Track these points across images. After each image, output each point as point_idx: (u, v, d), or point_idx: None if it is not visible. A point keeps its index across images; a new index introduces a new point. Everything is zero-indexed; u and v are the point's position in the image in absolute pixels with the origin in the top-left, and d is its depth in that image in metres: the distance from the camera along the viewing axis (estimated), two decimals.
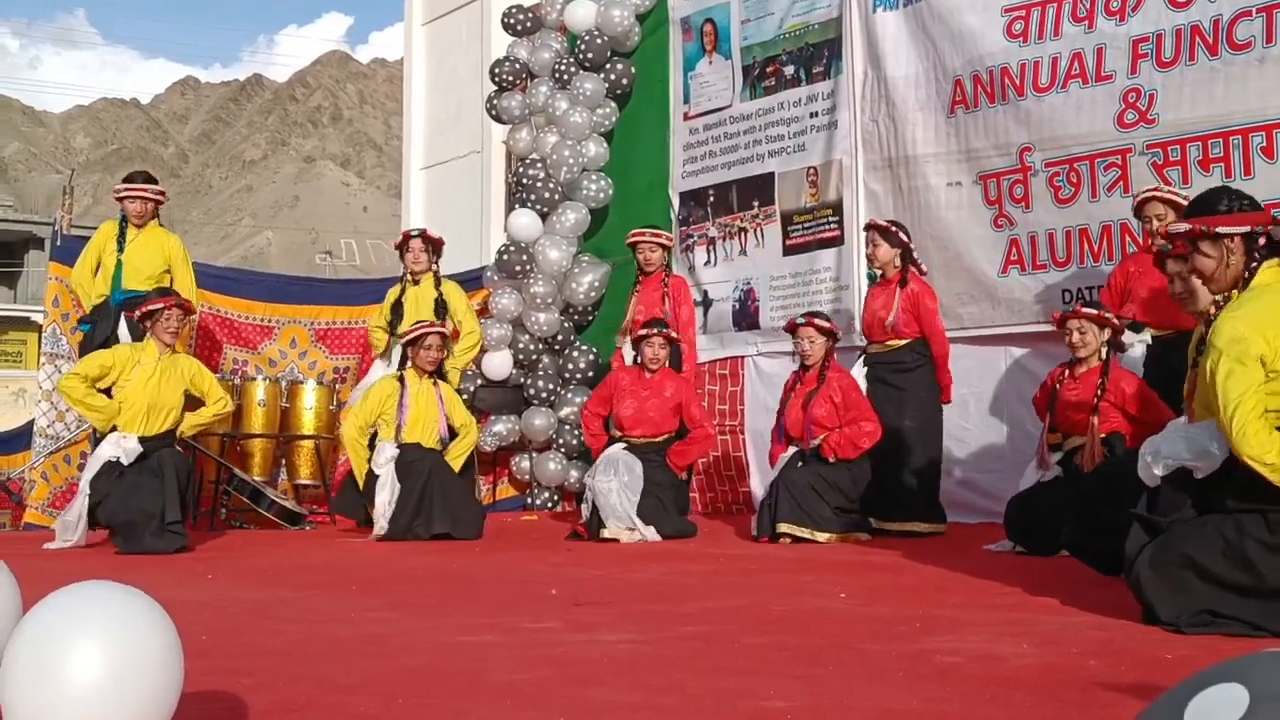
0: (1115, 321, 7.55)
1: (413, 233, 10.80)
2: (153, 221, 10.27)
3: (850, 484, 8.52)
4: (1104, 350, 7.48)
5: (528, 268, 11.88)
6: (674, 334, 9.49)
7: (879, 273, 9.23)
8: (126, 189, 10.23)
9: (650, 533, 8.79)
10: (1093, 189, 8.97)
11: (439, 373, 9.81)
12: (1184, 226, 4.90)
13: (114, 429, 8.64)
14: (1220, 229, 4.76)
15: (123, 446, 8.57)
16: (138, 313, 9.04)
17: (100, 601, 2.46)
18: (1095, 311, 7.50)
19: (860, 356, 9.15)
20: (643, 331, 9.34)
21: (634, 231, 10.44)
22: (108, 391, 8.76)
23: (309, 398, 11.24)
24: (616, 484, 8.84)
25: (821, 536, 8.33)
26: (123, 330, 9.67)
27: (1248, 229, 4.72)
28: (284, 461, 11.38)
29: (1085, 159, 9.01)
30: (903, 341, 8.95)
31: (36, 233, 57.34)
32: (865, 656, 4.02)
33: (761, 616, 5.01)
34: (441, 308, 10.44)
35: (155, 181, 10.53)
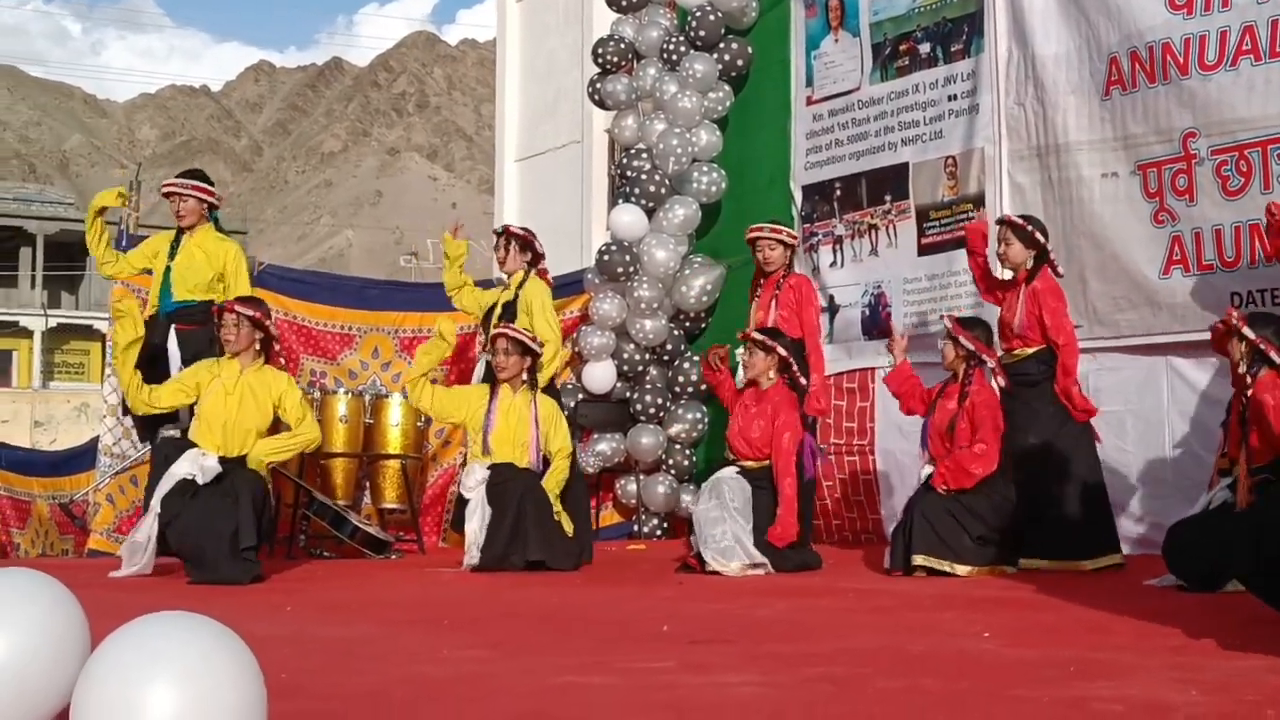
0: None
1: (497, 230, 10.80)
2: (206, 225, 9.92)
3: (991, 511, 8.39)
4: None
5: (631, 269, 11.88)
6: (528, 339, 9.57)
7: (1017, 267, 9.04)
8: (168, 183, 10.02)
9: (742, 566, 8.64)
10: (1265, 179, 8.83)
11: (547, 387, 9.77)
12: None
13: (192, 445, 8.70)
14: None
15: (201, 464, 8.50)
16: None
17: (177, 635, 2.49)
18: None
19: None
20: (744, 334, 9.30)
21: (753, 226, 10.23)
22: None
23: (395, 413, 11.23)
24: (722, 511, 8.77)
25: (961, 570, 8.25)
26: (172, 344, 9.53)
27: None
28: (368, 484, 11.43)
29: (1258, 145, 8.87)
30: (1029, 350, 8.74)
31: None
32: (1015, 704, 3.99)
33: (898, 657, 4.98)
34: (511, 311, 10.17)
35: (209, 182, 10.26)
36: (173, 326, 9.48)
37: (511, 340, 9.54)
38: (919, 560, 8.28)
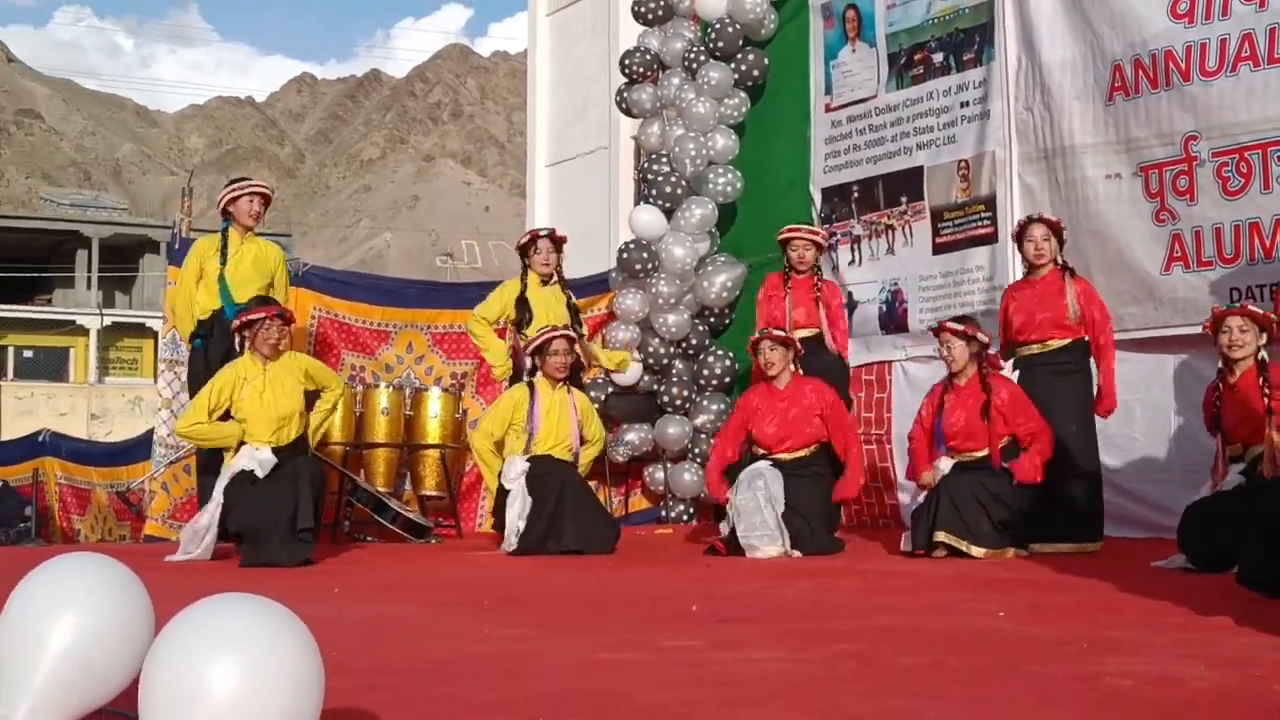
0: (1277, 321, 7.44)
1: (541, 232, 10.79)
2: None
3: (1013, 496, 8.36)
4: (1261, 353, 7.36)
5: (650, 266, 11.85)
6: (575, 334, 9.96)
7: (1035, 269, 9.02)
8: (241, 187, 10.10)
9: (774, 551, 8.66)
10: (1265, 180, 8.80)
11: (575, 381, 9.87)
12: None
13: (243, 443, 8.79)
14: None
15: (257, 458, 8.67)
16: (235, 322, 9.08)
17: (239, 616, 2.48)
18: (1261, 311, 7.39)
19: (1009, 360, 9.02)
20: (757, 335, 9.32)
21: (788, 227, 10.27)
22: (226, 415, 8.92)
23: (434, 405, 11.24)
24: (762, 497, 8.76)
25: (977, 551, 8.20)
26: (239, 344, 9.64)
27: None
28: (408, 472, 11.45)
29: (1257, 148, 8.84)
30: (1065, 341, 8.74)
31: (151, 236, 58.40)
32: (1032, 679, 3.97)
33: (918, 635, 4.97)
34: (575, 312, 10.52)
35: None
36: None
37: (572, 344, 9.77)
38: (940, 537, 8.23)
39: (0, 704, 2.85)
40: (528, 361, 9.87)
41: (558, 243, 10.64)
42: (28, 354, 55.01)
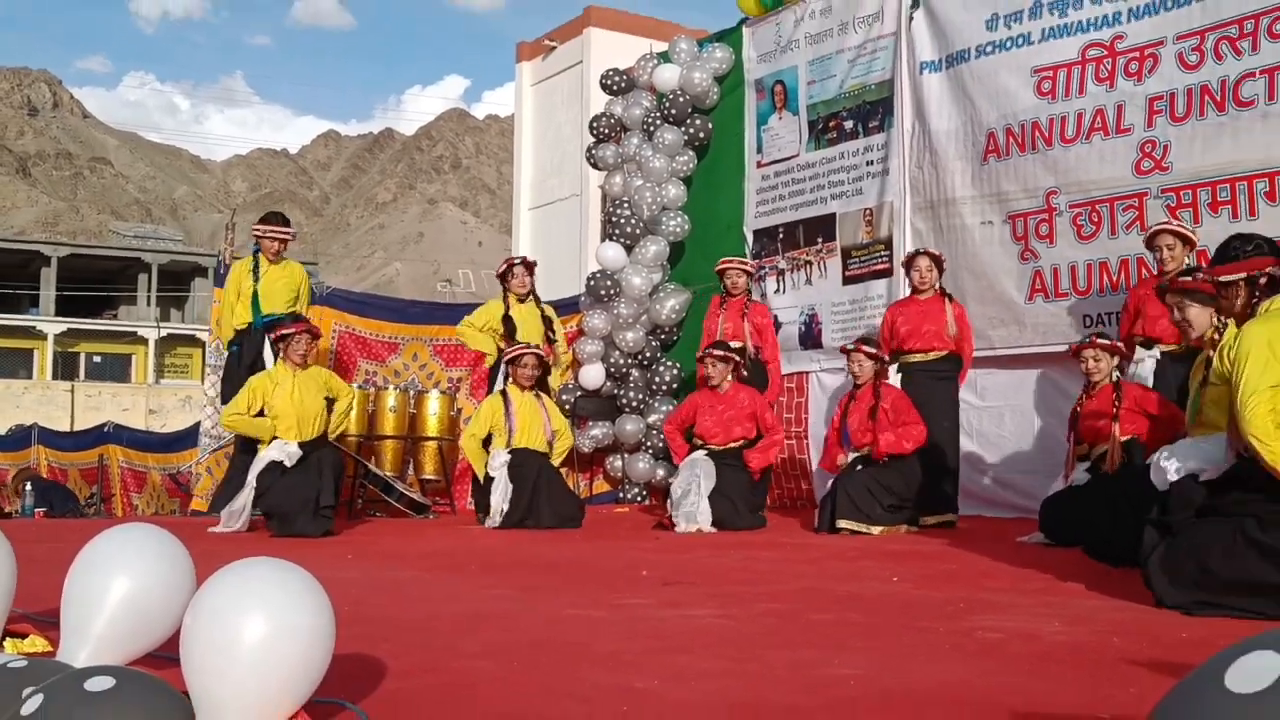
0: (1123, 348, 7.58)
1: (516, 260, 10.87)
2: (285, 255, 10.42)
3: (903, 485, 8.45)
4: (1114, 374, 7.46)
5: (612, 292, 11.89)
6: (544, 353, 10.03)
7: (919, 291, 9.17)
8: (267, 230, 10.28)
9: (705, 527, 8.73)
10: (1112, 227, 8.87)
11: (543, 386, 9.93)
12: (1188, 276, 4.99)
13: (274, 437, 8.80)
14: (1223, 277, 4.80)
15: (285, 451, 8.73)
16: (271, 336, 9.18)
17: (266, 576, 2.47)
18: (1108, 341, 7.48)
19: (894, 365, 9.08)
20: (702, 353, 9.38)
21: (724, 260, 10.37)
22: (260, 412, 8.93)
23: (434, 405, 11.23)
24: (694, 486, 8.85)
25: (875, 530, 8.25)
26: (267, 350, 9.69)
27: (1244, 275, 4.74)
28: (411, 459, 11.40)
29: (1105, 201, 8.90)
30: (943, 352, 9.04)
31: (201, 263, 58.21)
32: (920, 633, 3.99)
33: (827, 597, 4.97)
34: (549, 323, 10.60)
35: (288, 223, 10.58)
36: (266, 336, 9.62)
37: (540, 360, 9.83)
38: (841, 524, 8.28)
39: (66, 648, 2.83)
40: (503, 370, 9.91)
41: (529, 267, 10.81)
42: (96, 360, 54.70)
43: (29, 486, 19.48)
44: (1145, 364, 7.83)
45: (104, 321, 56.47)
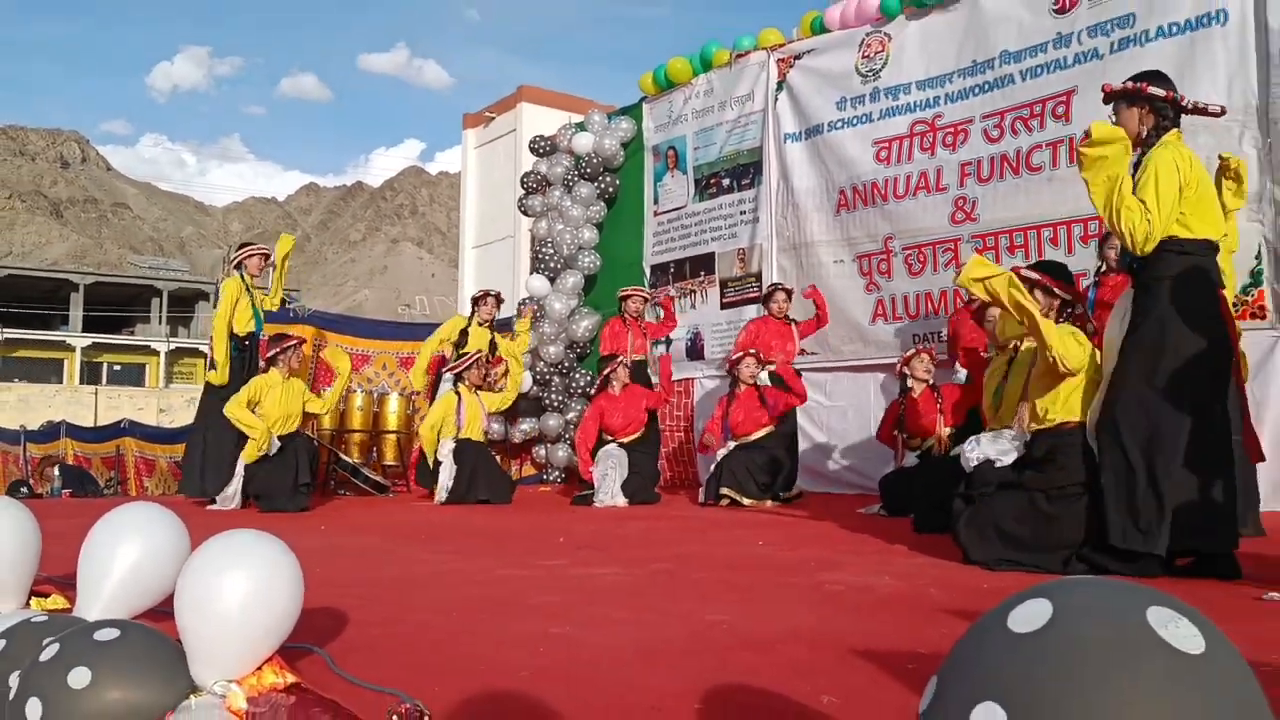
0: (937, 357, 7.76)
1: (491, 292, 10.69)
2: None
3: (769, 465, 8.50)
4: (931, 380, 7.60)
5: (539, 314, 11.81)
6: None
7: (781, 314, 9.24)
8: (250, 249, 9.96)
9: (622, 502, 8.74)
10: (935, 266, 8.99)
11: (483, 388, 9.88)
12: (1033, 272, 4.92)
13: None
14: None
15: (269, 442, 8.65)
16: (270, 353, 8.96)
17: (246, 544, 2.43)
18: (933, 352, 7.63)
19: (765, 370, 9.12)
20: (615, 361, 9.34)
21: (625, 288, 10.32)
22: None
23: (393, 404, 11.16)
24: (613, 471, 8.87)
25: (746, 501, 8.30)
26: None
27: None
28: (374, 449, 11.29)
29: (929, 245, 9.02)
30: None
31: (204, 290, 57.42)
32: (779, 586, 4.00)
33: (708, 558, 4.98)
34: (493, 347, 10.36)
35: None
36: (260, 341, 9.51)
37: (483, 365, 9.85)
38: (724, 491, 8.33)
39: (81, 604, 2.75)
40: (449, 375, 9.80)
41: (499, 301, 10.59)
42: (116, 368, 53.47)
43: (57, 471, 19.00)
44: (960, 374, 7.97)
45: (123, 337, 55.32)
